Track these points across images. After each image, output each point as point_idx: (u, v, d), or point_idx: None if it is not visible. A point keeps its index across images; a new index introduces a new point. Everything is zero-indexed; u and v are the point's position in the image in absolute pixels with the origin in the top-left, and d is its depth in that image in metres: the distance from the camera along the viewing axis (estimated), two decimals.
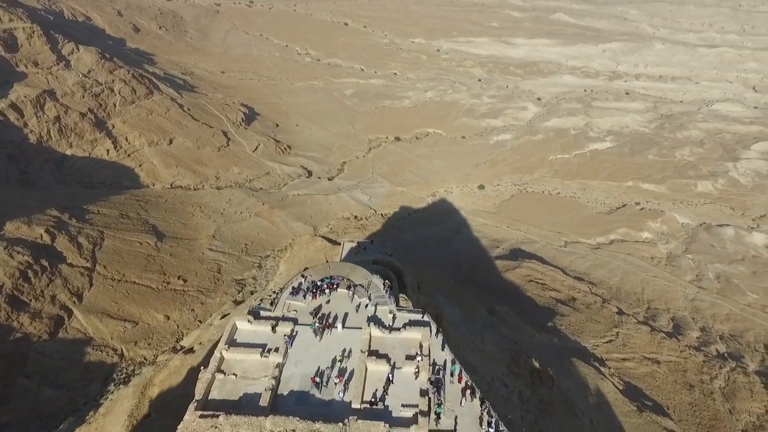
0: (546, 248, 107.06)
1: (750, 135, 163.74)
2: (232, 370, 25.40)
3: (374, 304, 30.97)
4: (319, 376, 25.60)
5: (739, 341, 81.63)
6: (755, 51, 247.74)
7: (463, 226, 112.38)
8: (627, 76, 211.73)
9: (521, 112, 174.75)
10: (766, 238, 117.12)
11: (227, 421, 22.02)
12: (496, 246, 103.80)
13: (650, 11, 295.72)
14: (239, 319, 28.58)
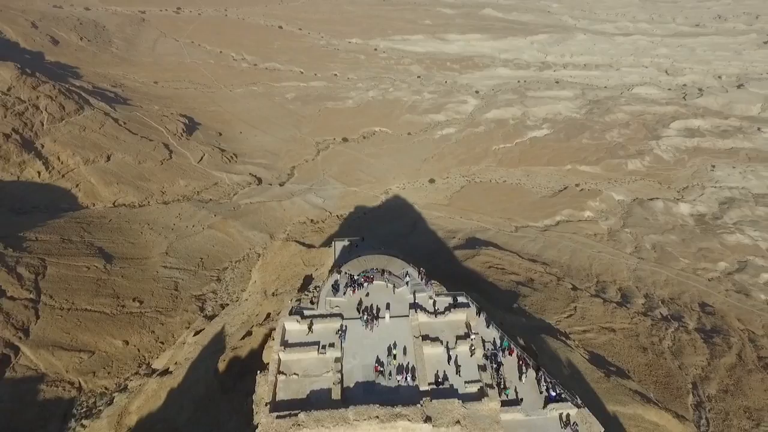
0: (499, 234, 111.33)
1: (667, 115, 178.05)
2: (293, 371, 25.64)
3: (413, 291, 31.89)
4: (381, 365, 26.35)
5: (678, 303, 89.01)
6: (664, 38, 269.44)
7: (418, 221, 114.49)
8: (555, 66, 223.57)
9: (462, 105, 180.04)
10: (690, 207, 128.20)
11: (309, 417, 22.20)
12: (453, 237, 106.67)
13: (570, 4, 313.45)
14: (288, 320, 28.54)
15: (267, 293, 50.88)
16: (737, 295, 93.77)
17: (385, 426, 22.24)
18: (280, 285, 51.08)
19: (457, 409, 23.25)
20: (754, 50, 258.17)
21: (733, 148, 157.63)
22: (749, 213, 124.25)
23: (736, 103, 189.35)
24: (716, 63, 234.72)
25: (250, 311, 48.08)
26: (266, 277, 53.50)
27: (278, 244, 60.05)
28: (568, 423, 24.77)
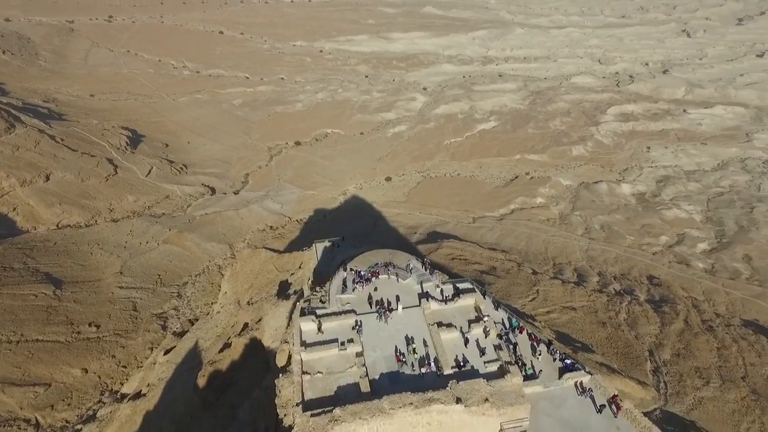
0: (458, 226, 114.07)
1: (604, 102, 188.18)
2: (316, 369, 25.76)
3: (419, 282, 32.69)
4: (402, 354, 26.95)
5: (628, 278, 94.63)
6: (594, 29, 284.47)
7: (379, 219, 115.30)
8: (497, 60, 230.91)
9: (411, 102, 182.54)
10: (631, 187, 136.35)
11: (345, 411, 22.34)
12: (414, 232, 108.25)
13: (506, 0, 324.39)
14: (303, 321, 28.45)
15: (241, 303, 49.77)
16: (679, 266, 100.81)
17: (419, 411, 22.81)
18: (255, 293, 50.14)
19: (484, 387, 24.28)
20: (674, 38, 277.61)
21: (664, 130, 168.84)
22: (683, 189, 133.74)
23: (663, 87, 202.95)
24: (642, 51, 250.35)
25: (225, 323, 46.93)
26: (238, 286, 52.24)
27: (247, 252, 58.74)
28: (584, 390, 26.55)
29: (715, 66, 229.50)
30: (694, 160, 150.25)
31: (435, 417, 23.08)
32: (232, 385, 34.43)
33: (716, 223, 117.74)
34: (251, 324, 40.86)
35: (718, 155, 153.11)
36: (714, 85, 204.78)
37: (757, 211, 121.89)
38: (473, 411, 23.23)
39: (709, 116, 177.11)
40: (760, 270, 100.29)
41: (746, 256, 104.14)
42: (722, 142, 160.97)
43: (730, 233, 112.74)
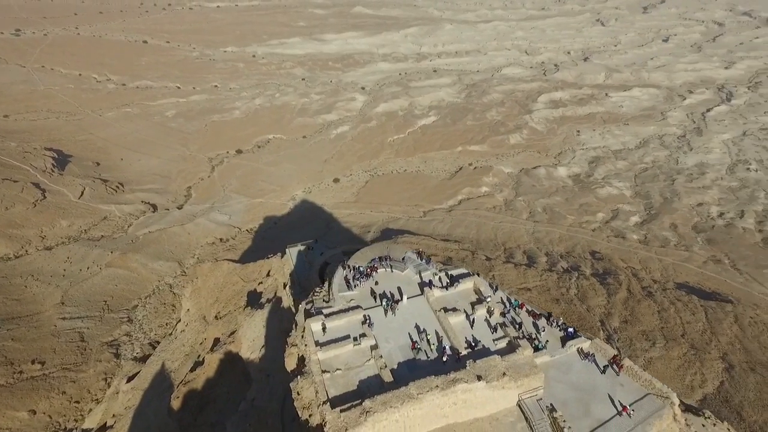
0: (410, 221, 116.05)
1: (534, 90, 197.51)
2: (335, 367, 26.06)
3: (417, 272, 33.45)
4: (415, 342, 27.61)
5: (573, 255, 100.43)
6: (518, 22, 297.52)
7: (331, 221, 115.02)
8: (431, 56, 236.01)
9: (351, 103, 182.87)
10: (567, 170, 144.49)
11: (375, 402, 22.68)
12: (367, 231, 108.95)
13: None
14: (313, 321, 28.54)
15: (208, 318, 48.07)
16: (616, 239, 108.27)
17: (446, 392, 23.64)
18: (222, 307, 48.55)
19: (500, 363, 25.55)
20: (590, 27, 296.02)
21: (591, 114, 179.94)
22: (612, 167, 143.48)
23: (586, 74, 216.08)
24: (564, 41, 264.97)
25: (193, 341, 45.23)
26: (202, 302, 50.36)
27: (208, 266, 56.59)
28: (587, 355, 28.64)
29: (628, 52, 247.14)
30: (619, 140, 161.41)
31: (460, 396, 24.01)
32: (210, 403, 33.39)
33: (644, 196, 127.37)
34: (223, 338, 39.77)
35: (640, 134, 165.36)
36: (629, 70, 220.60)
37: (678, 182, 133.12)
38: (494, 386, 24.47)
39: (629, 98, 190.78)
40: (685, 236, 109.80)
41: (672, 225, 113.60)
42: (642, 122, 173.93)
43: (657, 205, 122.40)
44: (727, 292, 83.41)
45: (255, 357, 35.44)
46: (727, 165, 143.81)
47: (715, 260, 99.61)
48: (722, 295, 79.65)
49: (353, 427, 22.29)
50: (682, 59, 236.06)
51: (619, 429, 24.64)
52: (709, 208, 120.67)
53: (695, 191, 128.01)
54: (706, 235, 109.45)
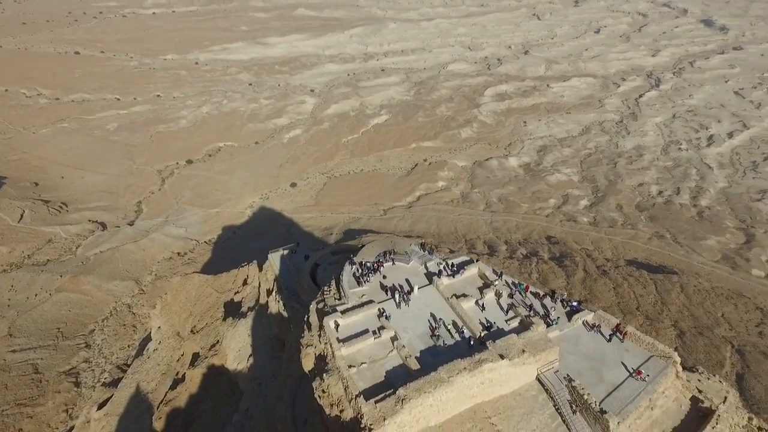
0: (371, 220, 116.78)
1: (480, 85, 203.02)
2: (359, 361, 26.47)
3: (422, 263, 34.20)
4: (433, 330, 28.51)
5: (531, 241, 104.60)
6: (460, 19, 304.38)
7: (292, 226, 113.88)
8: (377, 55, 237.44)
9: (301, 106, 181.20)
10: (517, 160, 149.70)
11: (409, 389, 23.42)
12: (330, 233, 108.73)
13: None
14: (330, 319, 28.98)
15: (182, 334, 46.37)
16: (569, 223, 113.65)
17: (473, 373, 24.72)
18: (197, 320, 46.97)
19: (518, 341, 26.97)
20: (527, 22, 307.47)
21: (535, 104, 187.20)
22: (559, 155, 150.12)
23: (527, 66, 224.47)
24: (504, 36, 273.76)
25: (168, 358, 43.58)
26: (174, 318, 48.50)
27: (178, 281, 54.28)
28: (592, 326, 30.66)
29: (564, 44, 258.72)
30: (563, 128, 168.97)
31: (486, 375, 25.24)
32: (195, 420, 32.52)
33: (590, 180, 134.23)
34: (203, 352, 38.69)
35: (581, 121, 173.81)
36: (567, 61, 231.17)
37: (619, 165, 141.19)
38: (515, 363, 25.88)
39: (568, 88, 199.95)
40: (630, 215, 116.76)
41: (618, 206, 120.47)
42: (582, 110, 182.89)
43: (603, 188, 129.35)
44: (672, 265, 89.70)
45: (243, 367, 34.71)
46: (661, 146, 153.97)
47: (658, 236, 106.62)
48: (668, 268, 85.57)
49: (391, 415, 22.97)
50: (613, 49, 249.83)
51: (631, 390, 26.79)
52: (649, 187, 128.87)
53: (635, 172, 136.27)
54: (649, 213, 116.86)
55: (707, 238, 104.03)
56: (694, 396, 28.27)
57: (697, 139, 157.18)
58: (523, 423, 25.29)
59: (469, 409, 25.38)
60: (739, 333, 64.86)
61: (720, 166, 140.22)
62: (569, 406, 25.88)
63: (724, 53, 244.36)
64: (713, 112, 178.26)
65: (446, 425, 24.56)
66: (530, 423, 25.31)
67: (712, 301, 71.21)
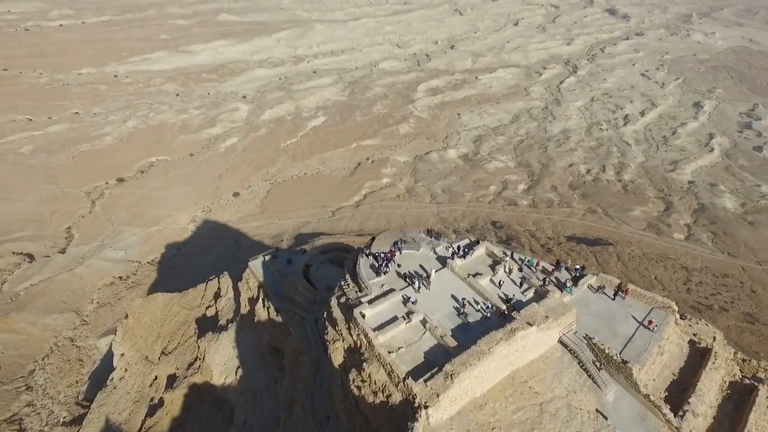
0: (320, 223, 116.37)
1: (412, 81, 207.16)
2: (396, 346, 27.60)
3: (431, 249, 35.73)
4: (458, 308, 30.25)
5: (477, 228, 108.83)
6: (386, 17, 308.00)
7: (239, 237, 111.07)
8: (307, 58, 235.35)
9: (235, 113, 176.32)
10: (456, 151, 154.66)
11: (454, 364, 25.01)
12: (280, 240, 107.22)
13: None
14: (361, 310, 29.86)
15: (151, 358, 43.89)
16: (510, 207, 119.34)
17: (509, 342, 26.81)
18: (167, 341, 44.62)
19: (540, 309, 29.24)
20: (450, 18, 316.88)
21: (466, 97, 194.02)
22: (494, 143, 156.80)
23: (455, 60, 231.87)
24: (430, 32, 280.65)
25: (139, 385, 41.16)
26: (140, 342, 45.61)
27: (139, 303, 50.83)
28: (597, 288, 33.77)
29: (487, 37, 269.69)
30: (495, 117, 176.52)
31: (519, 343, 27.31)
32: None
33: (525, 165, 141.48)
34: (180, 372, 37.14)
35: (511, 110, 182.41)
36: (491, 53, 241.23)
37: (550, 148, 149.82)
38: (542, 328, 28.15)
39: (495, 79, 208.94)
40: (565, 195, 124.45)
41: (553, 186, 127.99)
42: (510, 99, 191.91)
43: (537, 171, 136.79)
44: (606, 236, 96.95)
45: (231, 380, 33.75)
46: (585, 128, 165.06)
47: (591, 211, 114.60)
48: (604, 240, 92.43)
49: (443, 391, 24.31)
50: (532, 40, 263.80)
51: (642, 340, 30.02)
52: (578, 167, 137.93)
53: (565, 154, 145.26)
54: (580, 190, 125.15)
55: (633, 209, 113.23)
56: (691, 339, 31.97)
57: (615, 119, 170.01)
58: (556, 382, 27.68)
59: (508, 376, 27.50)
60: (671, 291, 71.47)
61: (637, 143, 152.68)
62: (594, 364, 28.47)
63: (629, 39, 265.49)
64: (625, 93, 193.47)
65: (490, 393, 26.43)
66: (562, 381, 27.76)
67: (645, 266, 77.87)
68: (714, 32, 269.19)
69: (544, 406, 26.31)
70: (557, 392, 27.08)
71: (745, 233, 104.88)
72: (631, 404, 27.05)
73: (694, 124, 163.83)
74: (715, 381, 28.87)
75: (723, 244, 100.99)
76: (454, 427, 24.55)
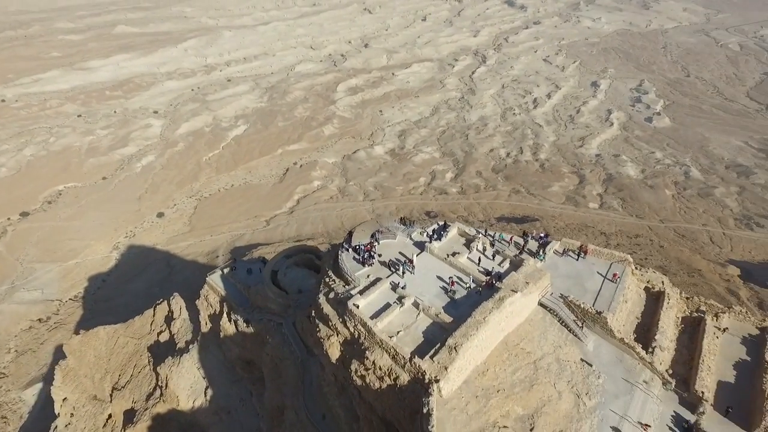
0: (256, 234, 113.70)
1: (331, 82, 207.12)
2: (395, 330, 28.73)
3: (407, 235, 36.97)
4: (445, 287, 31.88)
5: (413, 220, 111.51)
6: (296, 20, 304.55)
7: (171, 259, 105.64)
8: (219, 66, 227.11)
9: (148, 130, 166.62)
10: (382, 147, 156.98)
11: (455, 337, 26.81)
12: (216, 256, 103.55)
13: (202, 6, 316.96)
14: (355, 302, 30.45)
15: (101, 396, 40.39)
16: (441, 196, 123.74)
17: (500, 309, 28.94)
18: (119, 375, 41.22)
19: (519, 276, 31.74)
20: (361, 17, 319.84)
21: (386, 93, 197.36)
22: (418, 136, 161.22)
23: (371, 58, 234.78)
24: (342, 32, 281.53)
25: (91, 427, 37.84)
26: (85, 383, 41.47)
27: (78, 341, 45.65)
28: (562, 252, 37.37)
29: (399, 34, 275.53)
30: (416, 111, 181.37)
31: (508, 309, 29.51)
32: None
33: (450, 154, 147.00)
34: (139, 405, 34.85)
35: (430, 103, 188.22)
36: (404, 49, 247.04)
37: (470, 136, 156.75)
38: (524, 294, 30.64)
39: (411, 74, 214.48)
40: (489, 179, 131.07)
41: (478, 172, 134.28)
42: (428, 92, 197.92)
43: (462, 159, 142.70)
44: (532, 213, 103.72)
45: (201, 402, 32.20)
46: (500, 114, 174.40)
47: (515, 191, 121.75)
48: (530, 217, 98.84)
49: (450, 363, 25.79)
50: (441, 34, 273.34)
51: (609, 292, 33.63)
52: (499, 151, 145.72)
53: (485, 140, 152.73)
54: (503, 173, 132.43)
55: (552, 186, 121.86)
56: (646, 286, 36.10)
57: (525, 104, 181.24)
58: (543, 340, 30.44)
59: (501, 342, 29.69)
60: None
61: (547, 123, 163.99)
62: (575, 323, 31.38)
63: (528, 28, 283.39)
64: (532, 78, 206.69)
65: (489, 360, 28.54)
66: (548, 339, 30.56)
67: (569, 236, 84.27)
68: (600, 17, 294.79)
69: (537, 363, 28.91)
70: (546, 349, 29.85)
71: (647, 196, 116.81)
72: (609, 349, 30.42)
73: (594, 102, 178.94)
74: (671, 318, 33.13)
75: (631, 208, 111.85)
76: (464, 396, 26.20)
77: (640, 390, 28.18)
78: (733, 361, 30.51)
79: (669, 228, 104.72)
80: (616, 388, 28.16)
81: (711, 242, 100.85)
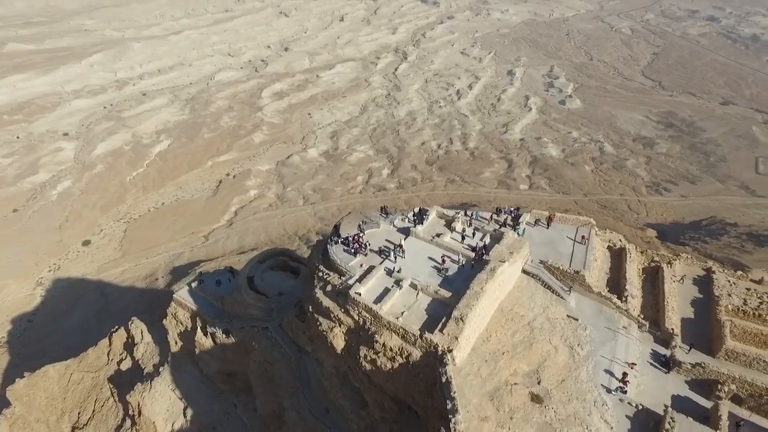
0: (196, 251, 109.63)
1: (254, 88, 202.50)
2: (399, 311, 29.90)
3: (390, 223, 38.87)
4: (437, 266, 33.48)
5: None
6: (209, 27, 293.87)
7: (105, 287, 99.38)
8: (132, 80, 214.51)
9: (59, 153, 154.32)
10: (316, 150, 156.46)
11: (459, 309, 28.32)
12: (155, 279, 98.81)
13: (104, 17, 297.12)
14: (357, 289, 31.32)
15: None
16: (380, 193, 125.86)
17: (493, 279, 30.90)
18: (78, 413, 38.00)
19: (503, 248, 34.01)
20: (277, 20, 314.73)
21: (312, 96, 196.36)
22: (350, 136, 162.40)
23: (293, 62, 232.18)
24: (260, 37, 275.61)
25: None
26: (39, 428, 37.64)
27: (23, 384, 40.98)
28: (534, 223, 40.30)
29: (318, 35, 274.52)
30: (345, 111, 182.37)
31: (499, 279, 31.59)
32: None
33: (383, 151, 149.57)
34: None
35: (357, 102, 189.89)
36: (326, 50, 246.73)
37: (401, 132, 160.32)
38: (511, 263, 33.01)
39: (336, 75, 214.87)
40: (425, 171, 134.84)
41: (413, 166, 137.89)
42: (354, 92, 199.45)
43: (395, 154, 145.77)
44: (469, 200, 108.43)
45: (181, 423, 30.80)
46: (426, 108, 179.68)
47: (450, 181, 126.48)
48: (468, 204, 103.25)
49: (459, 333, 27.56)
50: (360, 33, 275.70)
51: (581, 252, 37.41)
52: (430, 143, 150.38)
53: (415, 135, 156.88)
54: (437, 165, 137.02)
55: (484, 172, 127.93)
56: (608, 245, 40.13)
57: (449, 96, 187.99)
58: (532, 303, 33.40)
59: (497, 309, 32.26)
60: None
61: (472, 113, 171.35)
62: (562, 288, 34.33)
63: (443, 23, 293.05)
64: (452, 71, 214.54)
65: (490, 327, 30.99)
66: (536, 302, 33.58)
67: None
68: (508, 9, 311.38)
69: (531, 324, 31.71)
70: (536, 311, 32.81)
71: (569, 173, 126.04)
72: (589, 303, 33.92)
73: (512, 90, 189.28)
74: (634, 270, 37.45)
75: (557, 186, 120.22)
76: (474, 362, 28.45)
77: (622, 335, 32.02)
78: (689, 300, 35.33)
79: (593, 201, 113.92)
80: (602, 336, 31.60)
81: (629, 209, 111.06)
